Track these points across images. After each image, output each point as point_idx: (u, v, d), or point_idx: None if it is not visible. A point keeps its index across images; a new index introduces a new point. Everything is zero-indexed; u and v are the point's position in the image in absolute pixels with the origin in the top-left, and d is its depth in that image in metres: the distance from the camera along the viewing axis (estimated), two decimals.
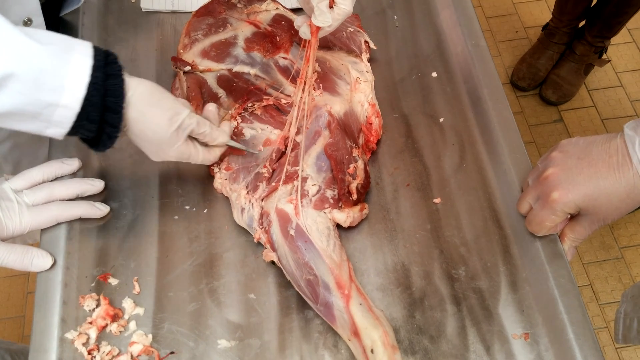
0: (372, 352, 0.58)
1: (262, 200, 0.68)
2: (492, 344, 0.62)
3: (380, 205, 0.71)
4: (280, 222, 0.65)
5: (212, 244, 0.68)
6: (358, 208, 0.68)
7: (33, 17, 0.73)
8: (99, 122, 0.56)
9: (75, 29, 0.84)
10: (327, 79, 0.77)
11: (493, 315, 0.64)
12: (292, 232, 0.64)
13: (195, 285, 0.66)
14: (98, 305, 0.64)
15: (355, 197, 0.68)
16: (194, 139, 0.65)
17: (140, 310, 0.64)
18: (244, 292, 0.65)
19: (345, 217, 0.66)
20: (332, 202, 0.67)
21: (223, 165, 0.71)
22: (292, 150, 0.70)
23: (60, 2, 0.83)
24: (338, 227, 0.68)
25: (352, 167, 0.69)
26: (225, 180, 0.70)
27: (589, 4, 1.69)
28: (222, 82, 0.77)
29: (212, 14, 0.82)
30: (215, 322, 0.64)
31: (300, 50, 0.77)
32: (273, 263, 0.66)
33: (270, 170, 0.70)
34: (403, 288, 0.66)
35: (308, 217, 0.65)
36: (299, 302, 0.65)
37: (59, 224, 0.67)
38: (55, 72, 0.53)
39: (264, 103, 0.75)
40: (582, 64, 1.81)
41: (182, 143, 0.62)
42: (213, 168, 0.72)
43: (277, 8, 0.84)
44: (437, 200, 0.71)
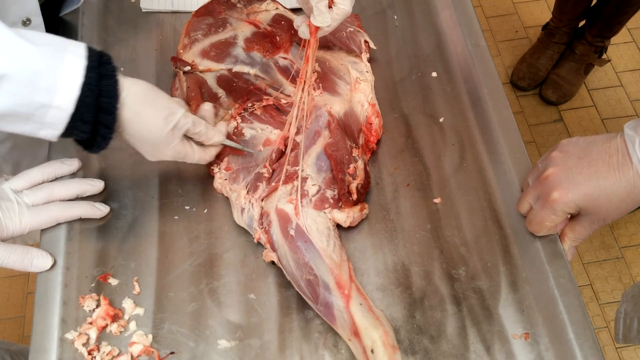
0: (372, 352, 0.58)
1: (262, 200, 0.68)
2: (492, 344, 0.62)
3: (380, 205, 0.71)
4: (280, 222, 0.65)
5: (212, 244, 0.68)
6: (358, 208, 0.68)
7: (32, 17, 0.73)
8: (93, 123, 0.56)
9: (75, 29, 0.84)
10: (327, 79, 0.77)
11: (493, 315, 0.64)
12: (292, 232, 0.64)
13: (196, 286, 0.66)
14: (98, 306, 0.64)
15: (355, 197, 0.68)
16: (190, 139, 0.65)
17: (141, 311, 0.64)
18: (244, 292, 0.65)
19: (345, 217, 0.66)
20: (332, 202, 0.67)
21: (223, 166, 0.71)
22: (292, 150, 0.70)
23: (60, 2, 0.83)
24: (338, 227, 0.68)
25: (352, 167, 0.69)
26: (225, 181, 0.70)
27: (589, 4, 1.69)
28: (222, 82, 0.77)
29: (211, 14, 0.82)
30: (216, 322, 0.64)
31: (300, 50, 0.77)
32: (273, 263, 0.66)
33: (270, 170, 0.70)
34: (403, 288, 0.66)
35: (308, 217, 0.65)
36: (299, 302, 0.64)
37: (59, 224, 0.67)
38: (48, 72, 0.52)
39: (264, 103, 0.75)
40: (582, 64, 1.81)
41: (178, 142, 0.62)
42: (213, 168, 0.72)
43: (276, 8, 0.84)
44: (437, 200, 0.71)
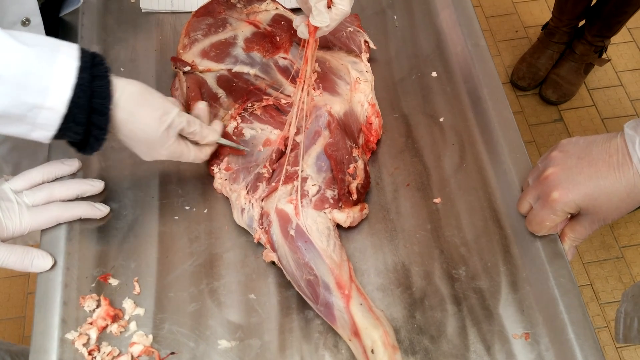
0: (372, 352, 0.58)
1: (262, 201, 0.68)
2: (492, 344, 0.62)
3: (381, 205, 0.71)
4: (280, 222, 0.65)
5: (212, 245, 0.68)
6: (358, 208, 0.68)
7: (31, 17, 0.73)
8: (86, 124, 0.55)
9: (75, 30, 0.84)
10: (326, 79, 0.77)
11: (493, 315, 0.64)
12: (292, 232, 0.64)
13: (196, 286, 0.66)
14: (98, 306, 0.64)
15: (355, 197, 0.68)
16: (185, 138, 0.64)
17: (141, 311, 0.64)
18: (244, 292, 0.65)
19: (346, 217, 0.66)
20: (332, 202, 0.67)
21: (223, 166, 0.71)
22: (291, 151, 0.70)
23: (60, 2, 0.83)
24: (338, 227, 0.68)
25: (352, 167, 0.69)
26: (225, 181, 0.70)
27: (589, 4, 1.69)
28: (221, 82, 0.77)
29: (211, 14, 0.82)
30: (216, 322, 0.64)
31: (300, 50, 0.77)
32: (273, 263, 0.66)
33: (270, 171, 0.70)
34: (403, 288, 0.66)
35: (308, 217, 0.65)
36: (299, 302, 0.64)
37: (59, 225, 0.67)
38: (40, 73, 0.52)
39: (264, 103, 0.75)
40: (582, 64, 1.81)
41: (173, 142, 0.62)
42: (213, 168, 0.71)
43: (276, 8, 0.84)
44: (437, 200, 0.71)
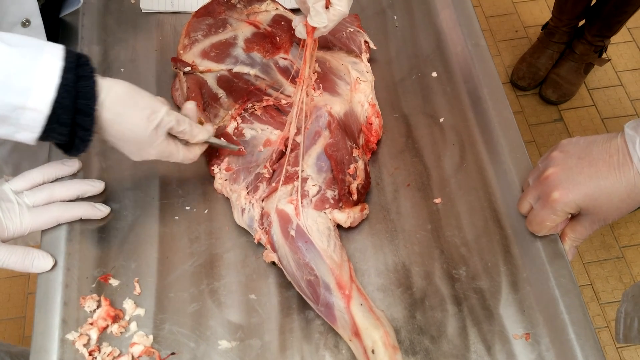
0: (373, 352, 0.58)
1: (262, 201, 0.68)
2: (493, 344, 0.62)
3: (381, 206, 0.71)
4: (281, 222, 0.65)
5: (212, 245, 0.68)
6: (358, 208, 0.68)
7: (31, 18, 0.72)
8: (71, 125, 0.55)
9: (75, 30, 0.84)
10: (327, 79, 0.77)
11: (494, 316, 0.64)
12: (292, 232, 0.64)
13: (196, 286, 0.66)
14: (99, 306, 0.64)
15: (356, 197, 0.68)
16: (175, 137, 0.64)
17: (141, 311, 0.64)
18: (245, 292, 0.65)
19: (346, 217, 0.66)
20: (332, 202, 0.67)
21: (223, 166, 0.71)
22: (292, 151, 0.70)
23: (60, 3, 0.83)
24: (338, 227, 0.68)
25: (352, 167, 0.69)
26: (226, 181, 0.70)
27: (589, 3, 1.69)
28: (222, 82, 0.77)
29: (211, 15, 0.82)
30: (216, 322, 0.64)
31: (300, 51, 0.77)
32: (274, 264, 0.66)
33: (271, 171, 0.70)
34: (404, 288, 0.66)
35: (308, 217, 0.65)
36: (300, 302, 0.64)
37: (60, 225, 0.67)
38: (24, 74, 0.52)
39: (264, 103, 0.75)
40: (582, 63, 1.81)
41: (162, 141, 0.61)
42: (213, 169, 0.72)
43: (276, 8, 0.84)
44: (437, 200, 0.71)
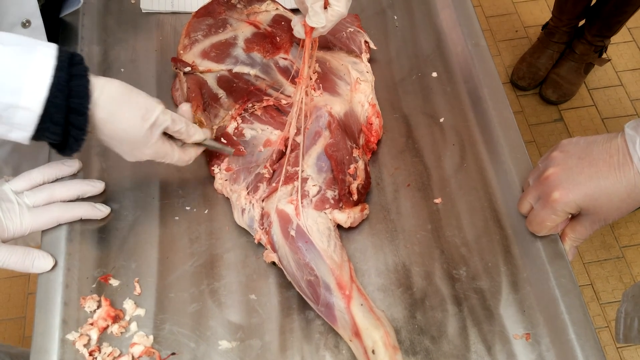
0: (373, 352, 0.58)
1: (262, 201, 0.68)
2: (493, 344, 0.62)
3: (381, 206, 0.71)
4: (281, 222, 0.65)
5: (212, 245, 0.68)
6: (359, 208, 0.68)
7: (31, 18, 0.72)
8: (64, 124, 0.55)
9: (75, 30, 0.84)
10: (327, 79, 0.77)
11: (494, 316, 0.64)
12: (292, 232, 0.64)
13: (196, 286, 0.66)
14: (99, 307, 0.64)
15: (356, 197, 0.68)
16: (170, 138, 0.63)
17: (142, 312, 0.64)
18: (245, 292, 0.65)
19: (346, 217, 0.66)
20: (332, 202, 0.67)
21: (223, 166, 0.71)
22: (292, 151, 0.70)
23: (60, 3, 0.83)
24: (339, 227, 0.68)
25: (352, 167, 0.69)
26: (226, 181, 0.70)
27: (589, 3, 1.69)
28: (222, 82, 0.77)
29: (211, 15, 0.82)
30: (216, 323, 0.64)
31: (300, 51, 0.77)
32: (274, 264, 0.66)
33: (271, 171, 0.70)
34: (404, 288, 0.66)
35: (309, 217, 0.65)
36: (300, 302, 0.64)
37: (60, 225, 0.67)
38: (15, 73, 0.52)
39: (264, 104, 0.75)
40: (582, 63, 1.81)
41: (157, 140, 0.61)
42: (213, 169, 0.72)
43: (276, 8, 0.84)
44: (437, 201, 0.71)
